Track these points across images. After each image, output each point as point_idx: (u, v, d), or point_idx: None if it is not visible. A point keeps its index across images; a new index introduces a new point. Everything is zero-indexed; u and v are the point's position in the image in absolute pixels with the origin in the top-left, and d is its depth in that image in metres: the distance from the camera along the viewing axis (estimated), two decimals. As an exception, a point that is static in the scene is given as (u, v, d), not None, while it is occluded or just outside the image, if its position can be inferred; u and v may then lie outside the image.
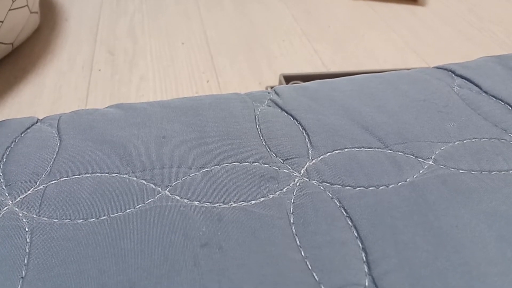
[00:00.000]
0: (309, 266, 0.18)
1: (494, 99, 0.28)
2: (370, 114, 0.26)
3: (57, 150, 0.24)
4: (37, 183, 0.22)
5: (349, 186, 0.22)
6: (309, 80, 0.32)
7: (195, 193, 0.21)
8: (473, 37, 0.61)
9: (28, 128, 0.25)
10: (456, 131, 0.25)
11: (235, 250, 0.19)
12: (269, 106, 0.28)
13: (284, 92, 0.29)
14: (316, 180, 0.22)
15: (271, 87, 0.41)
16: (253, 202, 0.21)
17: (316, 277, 0.18)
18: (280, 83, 0.49)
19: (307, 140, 0.25)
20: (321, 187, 0.22)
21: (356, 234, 0.19)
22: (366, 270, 0.18)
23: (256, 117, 0.26)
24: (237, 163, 0.23)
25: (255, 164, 0.23)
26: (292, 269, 0.18)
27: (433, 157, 0.23)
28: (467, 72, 0.31)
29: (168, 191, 0.21)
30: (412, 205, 0.21)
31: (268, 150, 0.24)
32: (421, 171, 0.22)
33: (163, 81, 0.51)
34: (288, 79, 0.48)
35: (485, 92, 0.29)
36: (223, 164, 0.23)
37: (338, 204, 0.21)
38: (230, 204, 0.21)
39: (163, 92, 0.49)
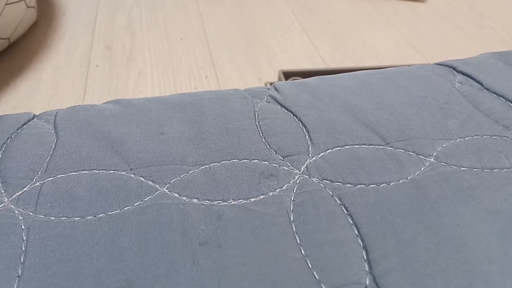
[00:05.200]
0: (309, 264, 0.18)
1: (496, 95, 0.28)
2: (371, 111, 0.26)
3: (53, 146, 0.23)
4: (34, 180, 0.21)
5: (350, 184, 0.21)
6: (309, 77, 0.32)
7: (194, 191, 0.21)
8: (473, 34, 0.60)
9: (24, 124, 0.25)
10: (457, 128, 0.25)
11: (234, 248, 0.18)
12: (269, 102, 0.27)
13: (284, 88, 0.29)
14: (317, 178, 0.22)
15: (271, 83, 0.41)
16: (252, 199, 0.21)
17: (316, 275, 0.18)
18: (280, 79, 0.48)
19: (307, 137, 0.24)
20: (322, 185, 0.21)
21: (356, 233, 0.19)
22: (367, 268, 0.18)
23: (256, 113, 0.26)
24: (236, 160, 0.23)
25: (254, 161, 0.23)
26: (292, 267, 0.18)
27: (434, 154, 0.23)
28: (468, 68, 0.30)
29: (166, 189, 0.21)
30: (413, 203, 0.20)
31: (268, 147, 0.24)
32: (422, 169, 0.22)
33: (161, 76, 0.50)
34: (288, 75, 0.48)
35: (487, 89, 0.29)
36: (222, 161, 0.23)
37: (339, 202, 0.20)
38: (229, 201, 0.20)
39: (161, 88, 0.49)
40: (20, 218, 0.19)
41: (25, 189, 0.21)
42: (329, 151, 0.23)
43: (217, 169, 0.22)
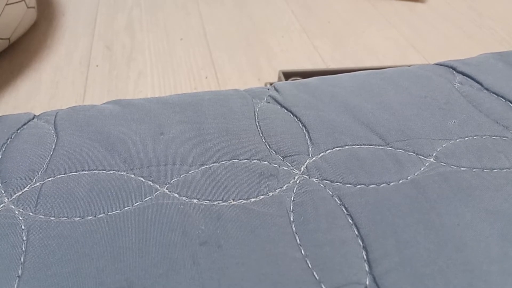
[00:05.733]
0: (309, 264, 0.18)
1: (496, 96, 0.28)
2: (371, 111, 0.26)
3: (53, 146, 0.23)
4: (34, 180, 0.21)
5: (350, 184, 0.21)
6: (309, 77, 0.32)
7: (194, 191, 0.21)
8: (473, 34, 0.60)
9: (24, 124, 0.25)
10: (457, 128, 0.25)
11: (234, 248, 0.18)
12: (269, 102, 0.27)
13: (284, 89, 0.29)
14: (317, 178, 0.22)
15: (271, 83, 0.41)
16: (252, 200, 0.21)
17: (316, 275, 0.18)
18: (280, 80, 0.48)
19: (307, 137, 0.24)
20: (322, 185, 0.21)
21: (356, 233, 0.19)
22: (367, 268, 0.18)
23: (256, 113, 0.26)
24: (236, 160, 0.23)
25: (254, 161, 0.23)
26: (292, 267, 0.18)
27: (434, 154, 0.23)
28: (468, 68, 0.30)
29: (166, 189, 0.21)
30: (413, 203, 0.20)
31: (268, 147, 0.24)
32: (422, 169, 0.22)
33: (161, 77, 0.50)
34: (288, 75, 0.48)
35: (486, 89, 0.29)
36: (222, 161, 0.23)
37: (339, 202, 0.20)
38: (229, 202, 0.20)
39: (161, 88, 0.49)
40: (20, 218, 0.19)
41: (25, 189, 0.21)
42: (329, 151, 0.23)
43: (217, 169, 0.22)
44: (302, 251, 0.18)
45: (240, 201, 0.20)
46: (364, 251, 0.18)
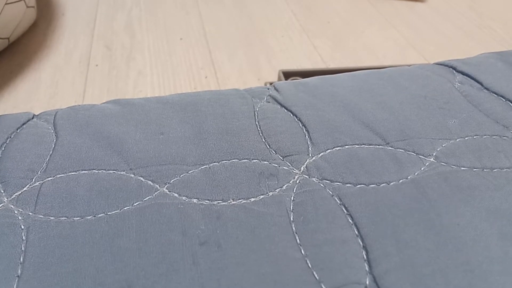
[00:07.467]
0: (309, 264, 0.18)
1: (496, 95, 0.28)
2: (371, 111, 0.26)
3: (53, 146, 0.23)
4: (33, 180, 0.21)
5: (350, 184, 0.21)
6: (309, 76, 0.32)
7: (193, 191, 0.21)
8: (472, 34, 0.60)
9: (23, 124, 0.25)
10: (457, 127, 0.25)
11: (234, 248, 0.18)
12: (269, 102, 0.27)
13: (284, 88, 0.29)
14: (316, 178, 0.22)
15: (270, 83, 0.41)
16: (252, 199, 0.21)
17: (316, 275, 0.18)
18: (279, 79, 0.48)
19: (307, 136, 0.24)
20: (321, 185, 0.21)
21: (356, 232, 0.19)
22: (367, 268, 0.18)
23: (256, 113, 0.26)
24: (236, 160, 0.23)
25: (254, 161, 0.23)
26: (292, 267, 0.18)
27: (434, 154, 0.23)
28: (468, 68, 0.30)
29: (166, 188, 0.21)
30: (413, 202, 0.20)
31: (268, 147, 0.24)
32: (422, 168, 0.22)
33: (161, 76, 0.50)
34: (287, 75, 0.48)
35: (487, 89, 0.29)
36: (222, 161, 0.23)
37: (339, 201, 0.20)
38: (229, 201, 0.20)
39: (161, 88, 0.48)
40: (20, 218, 0.19)
41: (24, 189, 0.21)
42: (329, 151, 0.23)
43: (217, 169, 0.22)
44: (302, 251, 0.18)
45: (240, 200, 0.20)
46: (364, 251, 0.18)
